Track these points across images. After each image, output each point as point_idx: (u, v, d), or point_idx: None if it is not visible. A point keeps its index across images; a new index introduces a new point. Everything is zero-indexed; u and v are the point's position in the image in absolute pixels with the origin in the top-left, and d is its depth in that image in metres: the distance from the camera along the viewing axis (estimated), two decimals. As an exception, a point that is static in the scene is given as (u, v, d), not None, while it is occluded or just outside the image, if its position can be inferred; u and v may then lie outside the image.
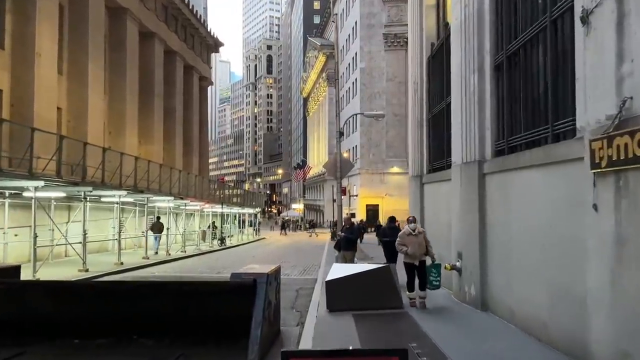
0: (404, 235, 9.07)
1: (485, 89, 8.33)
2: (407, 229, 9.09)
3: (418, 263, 8.91)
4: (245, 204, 41.87)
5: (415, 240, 8.90)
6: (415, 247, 8.87)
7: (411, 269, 8.98)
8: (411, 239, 8.93)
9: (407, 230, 9.10)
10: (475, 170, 8.43)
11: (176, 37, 34.84)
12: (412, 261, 8.92)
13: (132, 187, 19.23)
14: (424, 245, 9.02)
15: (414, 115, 14.09)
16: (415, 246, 8.87)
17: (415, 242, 8.89)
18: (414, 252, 8.85)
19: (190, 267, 18.68)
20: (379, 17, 57.47)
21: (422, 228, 9.55)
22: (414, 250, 8.85)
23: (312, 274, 16.50)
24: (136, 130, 28.94)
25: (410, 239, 8.93)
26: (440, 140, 12.11)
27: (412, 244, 8.88)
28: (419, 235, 9.00)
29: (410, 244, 8.89)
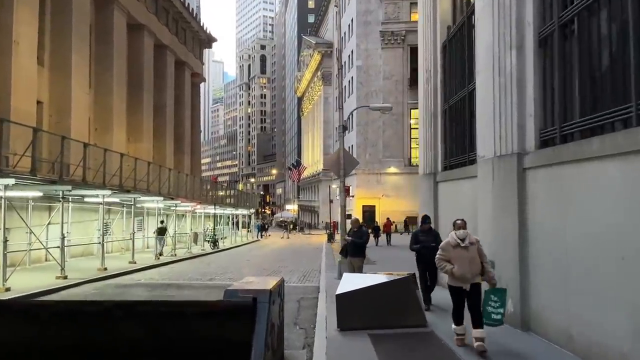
0: (447, 248, 6.51)
1: (526, 69, 7.06)
2: (453, 238, 6.50)
3: (469, 287, 6.36)
4: (239, 205, 40.47)
5: (465, 255, 6.31)
6: (465, 264, 6.30)
7: (459, 295, 6.46)
8: (459, 252, 6.35)
9: (453, 239, 6.48)
10: (514, 165, 7.15)
11: (167, 31, 33.36)
12: (461, 284, 6.39)
13: (118, 187, 17.78)
14: (478, 261, 6.37)
15: (426, 107, 12.81)
16: (465, 263, 6.31)
17: (466, 258, 6.31)
18: (463, 273, 6.31)
19: (180, 272, 17.29)
20: (375, 15, 56.30)
21: (475, 236, 6.63)
22: (464, 269, 6.30)
23: (313, 280, 15.18)
24: (124, 127, 27.45)
25: (458, 253, 6.36)
26: (460, 133, 10.84)
27: (461, 260, 6.33)
28: (470, 248, 6.35)
29: (457, 261, 6.35)
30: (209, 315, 5.15)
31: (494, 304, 6.25)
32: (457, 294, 6.50)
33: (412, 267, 16.34)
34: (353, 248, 10.83)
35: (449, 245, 6.54)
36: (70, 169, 16.51)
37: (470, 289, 6.36)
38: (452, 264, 6.40)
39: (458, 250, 6.39)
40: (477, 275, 6.41)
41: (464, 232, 6.50)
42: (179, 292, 12.57)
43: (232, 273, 17.10)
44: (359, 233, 10.88)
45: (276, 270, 17.92)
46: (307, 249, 30.97)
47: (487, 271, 6.44)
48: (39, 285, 12.87)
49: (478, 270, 6.39)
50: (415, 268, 9.60)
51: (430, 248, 8.31)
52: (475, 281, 6.39)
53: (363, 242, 10.82)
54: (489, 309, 6.26)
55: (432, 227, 9.34)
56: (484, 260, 6.43)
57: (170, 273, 17.09)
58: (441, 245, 6.78)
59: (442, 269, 6.56)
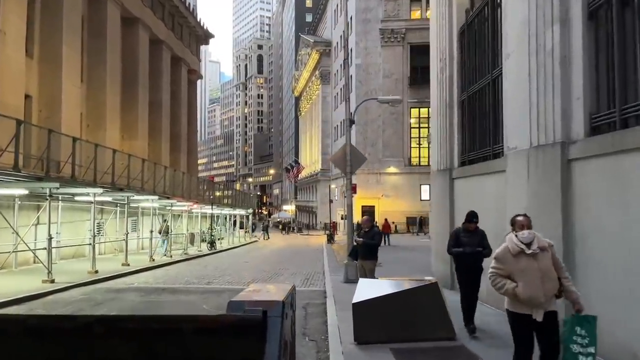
0: (506, 257, 4.46)
1: (572, 45, 6.18)
2: (514, 242, 4.45)
3: (542, 316, 4.30)
4: (237, 205, 39.52)
5: (534, 268, 4.30)
6: (534, 281, 4.27)
7: (526, 326, 4.40)
8: (525, 263, 4.33)
9: (514, 245, 4.44)
10: (556, 156, 6.27)
11: (163, 25, 32.37)
12: (529, 311, 4.34)
13: (110, 185, 16.81)
14: (553, 275, 4.35)
15: (441, 98, 11.93)
16: (534, 279, 4.27)
17: (535, 272, 4.28)
18: (532, 294, 4.27)
19: (176, 275, 16.35)
20: (375, 12, 55.48)
21: (548, 240, 4.56)
22: (533, 288, 4.27)
23: (317, 284, 14.27)
24: (118, 124, 26.46)
25: (523, 265, 4.33)
26: (481, 124, 9.96)
27: (528, 274, 4.30)
28: (540, 256, 4.35)
29: (522, 276, 4.32)
30: (211, 332, 4.29)
31: (582, 340, 4.20)
32: (523, 325, 4.39)
33: (420, 269, 15.59)
34: (364, 250, 9.93)
35: (507, 253, 4.45)
36: (60, 166, 15.58)
37: (544, 318, 4.30)
38: (515, 281, 4.36)
39: (523, 261, 4.33)
40: (552, 298, 4.37)
41: (529, 234, 4.41)
42: (174, 297, 11.64)
43: (231, 276, 16.18)
44: (371, 233, 9.98)
45: (277, 273, 17.01)
46: (307, 250, 30.05)
47: (569, 290, 4.40)
48: (23, 289, 11.91)
49: (554, 289, 4.34)
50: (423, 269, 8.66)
51: (475, 254, 7.07)
52: (550, 308, 4.35)
53: (375, 243, 9.92)
54: (574, 349, 4.19)
55: (478, 227, 7.30)
56: (562, 274, 4.41)
57: (166, 276, 16.15)
58: (496, 254, 4.59)
59: (500, 289, 4.44)
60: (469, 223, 7.34)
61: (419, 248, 26.59)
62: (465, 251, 7.16)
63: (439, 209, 12.15)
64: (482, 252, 7.06)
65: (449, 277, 11.44)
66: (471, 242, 7.16)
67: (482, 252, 7.06)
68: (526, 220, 4.63)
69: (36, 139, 16.69)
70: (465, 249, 7.17)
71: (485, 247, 7.10)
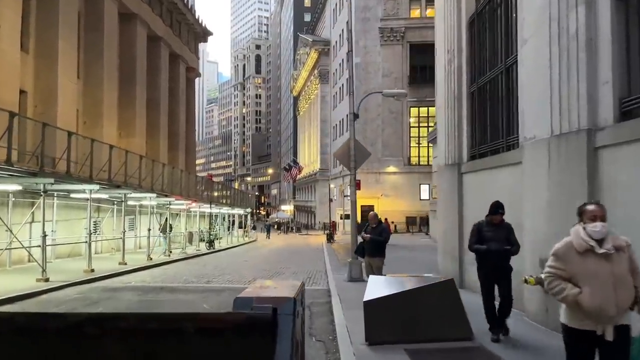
0: (569, 255, 3.55)
1: (599, 27, 5.81)
2: (581, 237, 3.52)
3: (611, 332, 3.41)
4: (235, 204, 39.09)
5: (606, 271, 3.41)
6: (606, 288, 3.38)
7: (588, 343, 3.51)
8: (593, 265, 3.45)
9: (581, 240, 3.51)
10: (582, 144, 5.90)
11: (161, 22, 31.93)
12: (593, 327, 3.46)
13: (106, 181, 16.38)
14: (629, 283, 3.44)
15: (449, 91, 11.56)
16: (606, 287, 3.39)
17: (607, 276, 3.40)
18: (601, 304, 3.38)
19: (174, 274, 15.93)
20: (374, 11, 55.18)
21: (625, 238, 3.57)
22: (604, 297, 3.38)
23: (320, 282, 13.87)
24: (115, 121, 26.02)
25: (591, 266, 3.45)
26: (493, 116, 9.59)
27: (597, 279, 3.42)
28: (615, 259, 3.44)
29: (589, 280, 3.44)
30: (215, 332, 3.90)
31: None
32: (583, 342, 3.50)
33: (426, 267, 15.20)
34: (372, 247, 9.54)
35: (570, 250, 3.52)
36: (55, 162, 15.17)
37: (614, 334, 3.38)
38: (578, 286, 3.45)
39: (591, 261, 3.42)
40: (626, 310, 3.45)
41: (602, 228, 3.47)
42: (173, 297, 11.23)
43: (231, 275, 15.77)
44: (378, 230, 9.59)
45: (278, 272, 16.61)
46: (307, 249, 29.66)
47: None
48: (16, 288, 11.48)
49: (629, 300, 3.42)
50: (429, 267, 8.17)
51: (502, 252, 6.22)
52: (622, 321, 3.42)
53: (383, 239, 9.53)
54: None
55: (504, 220, 6.38)
56: (638, 282, 3.46)
57: (164, 275, 15.72)
58: (556, 250, 3.63)
59: (558, 294, 3.53)
60: (493, 215, 6.39)
61: (420, 247, 26.28)
62: (490, 248, 6.22)
63: (446, 205, 11.77)
64: (510, 250, 6.25)
65: (457, 276, 11.07)
66: (496, 238, 6.26)
67: (510, 250, 6.25)
68: (600, 211, 3.57)
69: (31, 134, 16.28)
70: (489, 245, 6.24)
71: (512, 243, 6.31)
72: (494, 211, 6.43)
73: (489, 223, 6.48)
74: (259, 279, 14.18)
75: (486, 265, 6.43)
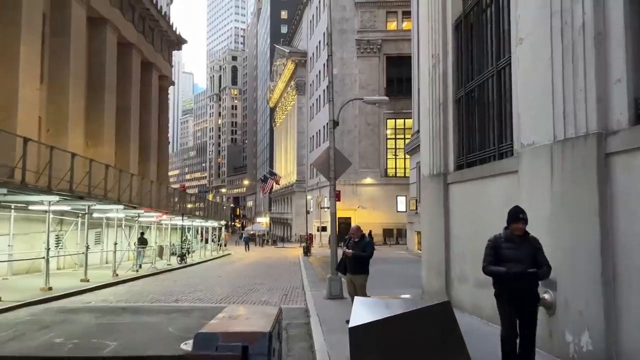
0: None
1: (609, 20, 5.26)
2: None
3: None
4: (209, 217, 37.89)
5: None
6: None
7: None
8: None
9: None
10: (591, 149, 5.31)
11: (133, 28, 30.83)
12: None
13: (68, 192, 15.24)
14: None
15: (433, 97, 10.99)
16: None
17: None
18: None
19: (141, 292, 14.85)
20: (351, 23, 55.26)
21: None
22: None
23: (297, 300, 13.03)
24: (82, 129, 24.76)
25: None
26: (483, 122, 9.01)
27: None
28: None
29: None
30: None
31: None
32: None
33: (409, 282, 14.51)
34: (354, 263, 8.73)
35: None
36: (12, 171, 14.00)
37: None
38: None
39: None
40: None
41: None
42: (135, 319, 10.22)
43: (202, 292, 14.78)
44: (361, 244, 8.80)
45: (253, 289, 15.69)
46: (283, 263, 28.72)
47: None
48: (-41, 311, 10.32)
49: None
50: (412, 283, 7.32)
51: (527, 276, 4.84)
52: None
53: (367, 255, 8.76)
54: None
55: (528, 232, 5.11)
56: None
57: (129, 293, 14.62)
58: None
59: None
60: (514, 222, 5.00)
61: (398, 260, 25.66)
62: (511, 271, 4.84)
63: (431, 218, 11.13)
64: (537, 274, 4.86)
65: (443, 292, 10.41)
66: (519, 256, 4.89)
67: (537, 274, 4.86)
68: None
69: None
70: (510, 267, 4.86)
71: (540, 263, 4.91)
72: (515, 217, 5.03)
73: (508, 238, 5.07)
74: (230, 298, 13.25)
75: (506, 293, 4.99)
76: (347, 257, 8.81)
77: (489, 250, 5.17)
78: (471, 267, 9.21)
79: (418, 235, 26.66)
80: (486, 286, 8.57)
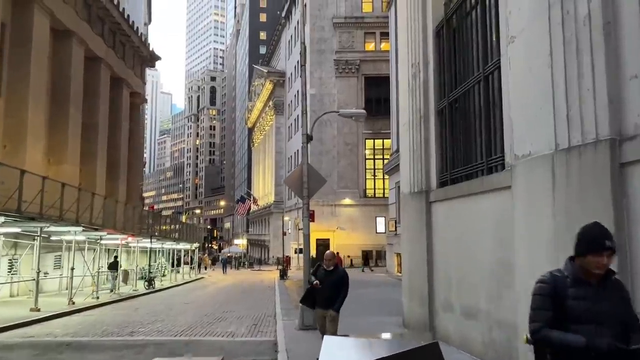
0: None
1: (619, 6, 4.48)
2: None
3: None
4: (181, 239, 36.34)
5: None
6: None
7: None
8: None
9: None
10: (602, 158, 4.47)
11: (102, 42, 29.65)
12: None
13: (15, 212, 13.88)
14: None
15: (413, 109, 10.19)
16: None
17: None
18: None
19: (95, 322, 13.45)
20: (329, 43, 55.20)
21: None
22: None
23: (267, 331, 11.85)
24: (43, 146, 23.34)
25: None
26: (468, 134, 8.19)
27: None
28: None
29: None
30: None
31: None
32: None
33: (389, 309, 13.48)
34: (326, 296, 7.44)
35: None
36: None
37: None
38: None
39: None
40: None
41: None
42: (78, 357, 8.91)
43: (163, 322, 13.47)
44: (335, 276, 7.37)
45: (221, 317, 14.44)
46: (258, 287, 27.39)
47: None
48: None
49: None
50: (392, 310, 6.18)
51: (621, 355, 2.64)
52: None
53: (340, 286, 7.47)
54: None
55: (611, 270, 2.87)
56: None
57: (81, 324, 13.20)
58: None
59: None
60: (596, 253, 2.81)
61: (377, 283, 24.65)
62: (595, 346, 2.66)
63: (412, 239, 10.21)
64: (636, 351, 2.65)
65: (426, 322, 9.44)
66: (601, 314, 2.77)
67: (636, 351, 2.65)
68: None
69: None
70: (593, 338, 2.68)
71: (634, 326, 2.81)
72: (597, 245, 2.83)
73: (579, 279, 2.89)
74: (193, 329, 12.00)
75: None
76: (312, 286, 7.68)
77: (543, 300, 2.94)
78: (457, 293, 8.30)
79: (398, 257, 25.76)
80: (475, 316, 7.65)
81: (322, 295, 7.45)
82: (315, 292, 7.59)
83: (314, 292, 7.64)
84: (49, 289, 22.03)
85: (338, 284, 7.31)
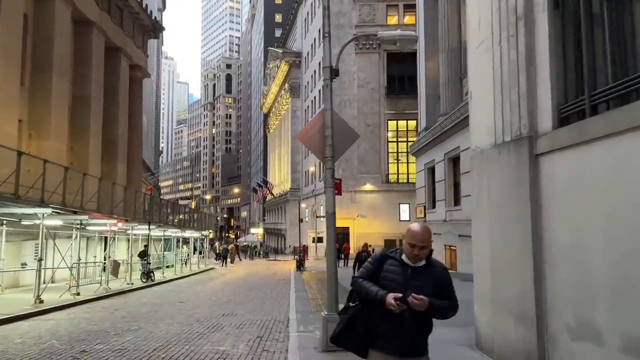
0: None
1: None
2: None
3: None
4: (187, 226, 33.06)
5: None
6: None
7: None
8: None
9: None
10: None
11: (94, 4, 26.05)
12: None
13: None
14: None
15: (503, 10, 6.37)
16: None
17: None
18: None
19: (49, 330, 10.02)
20: (348, 17, 51.08)
21: None
22: None
23: (275, 348, 8.24)
24: (19, 117, 20.02)
25: None
26: (616, 33, 4.36)
27: None
28: None
29: None
30: None
31: None
32: None
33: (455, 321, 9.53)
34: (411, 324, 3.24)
35: None
36: None
37: None
38: None
39: None
40: None
41: None
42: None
43: (136, 333, 9.96)
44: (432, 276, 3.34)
45: (216, 324, 10.91)
46: (271, 281, 23.91)
47: None
48: None
49: None
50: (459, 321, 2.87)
51: None
52: None
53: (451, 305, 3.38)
54: None
55: None
56: None
57: (29, 334, 9.75)
58: None
59: None
60: None
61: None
62: None
63: (498, 220, 6.47)
64: None
65: (535, 350, 5.71)
66: None
67: None
68: None
69: None
70: None
71: None
72: None
73: None
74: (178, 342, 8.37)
75: None
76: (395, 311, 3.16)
77: None
78: (612, 312, 4.54)
79: (449, 251, 21.78)
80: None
81: (401, 323, 3.21)
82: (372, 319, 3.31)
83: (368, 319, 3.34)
84: (29, 282, 18.80)
85: (441, 294, 3.33)
